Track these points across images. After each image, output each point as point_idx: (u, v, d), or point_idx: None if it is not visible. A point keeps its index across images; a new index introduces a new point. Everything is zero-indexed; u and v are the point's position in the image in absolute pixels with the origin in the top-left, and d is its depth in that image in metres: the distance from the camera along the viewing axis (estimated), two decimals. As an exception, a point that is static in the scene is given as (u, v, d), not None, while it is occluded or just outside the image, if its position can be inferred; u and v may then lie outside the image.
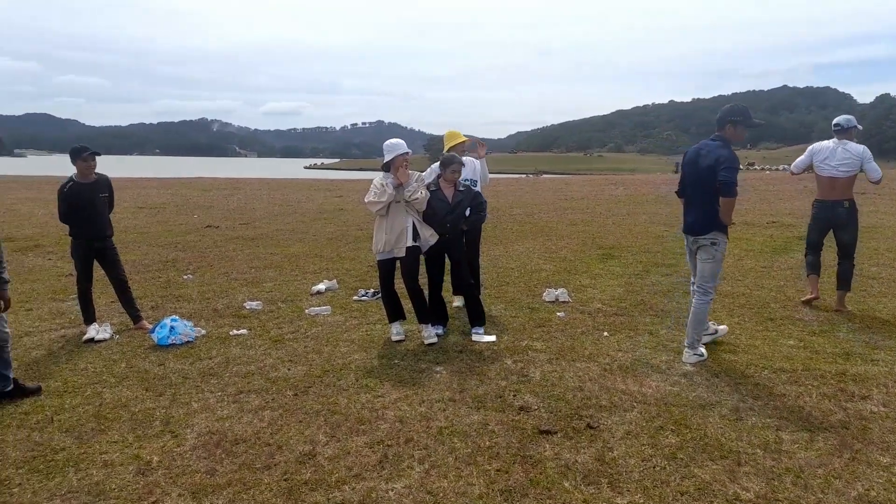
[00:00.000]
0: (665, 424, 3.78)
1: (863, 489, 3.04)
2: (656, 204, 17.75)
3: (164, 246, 10.62)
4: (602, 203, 18.31)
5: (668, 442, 3.56)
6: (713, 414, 3.91)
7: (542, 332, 5.68)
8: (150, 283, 7.77)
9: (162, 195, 20.77)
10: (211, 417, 3.94)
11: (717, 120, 4.93)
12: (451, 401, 4.17)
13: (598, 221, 13.89)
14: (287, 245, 10.77)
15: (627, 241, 11.05)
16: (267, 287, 7.58)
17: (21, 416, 3.95)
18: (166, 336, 5.32)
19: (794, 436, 3.61)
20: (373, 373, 4.70)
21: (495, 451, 3.48)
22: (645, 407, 4.03)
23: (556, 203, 18.38)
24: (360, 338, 5.57)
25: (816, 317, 6.10)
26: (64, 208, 5.58)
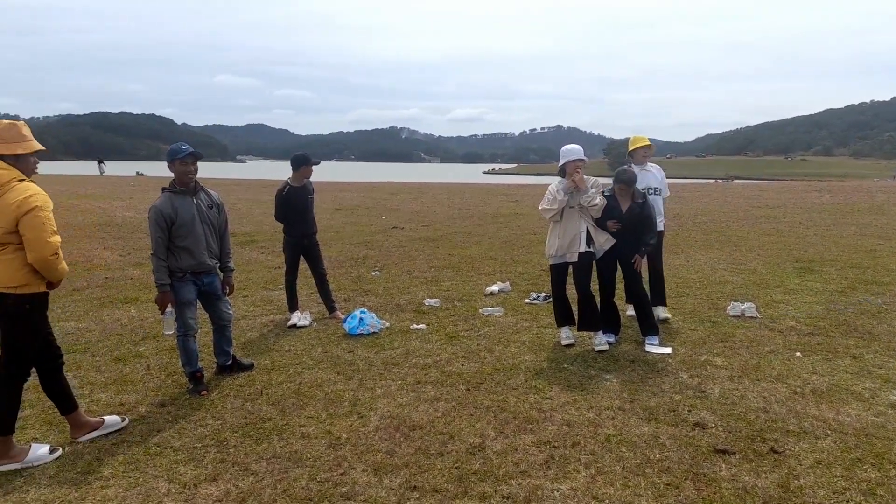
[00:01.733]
0: (864, 457, 3.42)
1: None
2: (870, 214, 15.70)
3: (355, 244, 11.58)
4: (802, 212, 16.60)
5: (867, 476, 3.22)
6: (926, 452, 3.46)
7: (723, 348, 5.37)
8: (343, 278, 8.54)
9: (355, 198, 22.56)
10: (392, 403, 4.28)
11: None
12: (620, 409, 4.12)
13: (796, 232, 12.64)
14: (464, 247, 11.21)
15: (831, 254, 9.95)
16: (444, 286, 7.97)
17: (237, 388, 4.61)
18: (356, 326, 5.85)
19: None
20: (542, 374, 4.78)
21: (665, 465, 3.40)
22: (841, 436, 3.67)
23: (748, 210, 17.01)
24: (531, 340, 5.68)
25: None
26: (281, 209, 6.36)
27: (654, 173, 6.27)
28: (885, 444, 3.56)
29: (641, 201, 5.43)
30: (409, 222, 15.02)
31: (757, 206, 18.22)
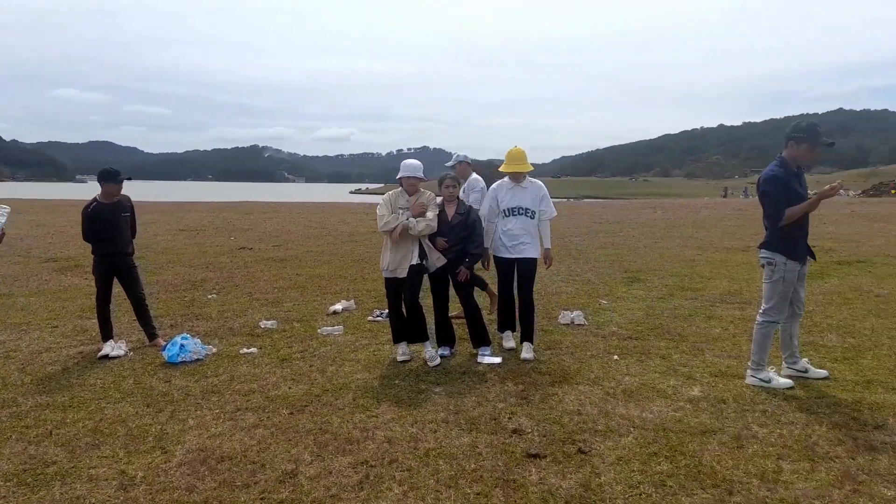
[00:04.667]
0: (660, 451, 3.64)
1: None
2: (693, 228, 17.36)
3: (195, 266, 10.89)
4: (637, 227, 18.01)
5: (660, 469, 3.42)
6: (713, 441, 3.75)
7: (550, 355, 5.58)
8: (174, 302, 7.96)
9: (203, 218, 21.36)
10: (203, 434, 3.97)
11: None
12: (443, 422, 4.11)
13: (629, 245, 13.65)
14: (313, 266, 10.92)
15: (656, 264, 10.82)
16: (285, 307, 7.68)
17: (22, 430, 4.07)
18: (177, 354, 5.43)
19: (796, 465, 3.42)
20: (371, 392, 4.68)
21: (479, 475, 3.41)
22: (642, 432, 3.90)
23: (590, 227, 18.16)
24: (367, 357, 5.57)
25: (842, 343, 5.82)
26: (87, 226, 5.79)
27: (529, 192, 5.65)
28: (679, 437, 3.82)
29: (464, 212, 5.55)
30: (260, 242, 14.43)
31: (598, 223, 19.53)
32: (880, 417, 4.05)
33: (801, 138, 4.59)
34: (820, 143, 4.61)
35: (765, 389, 4.60)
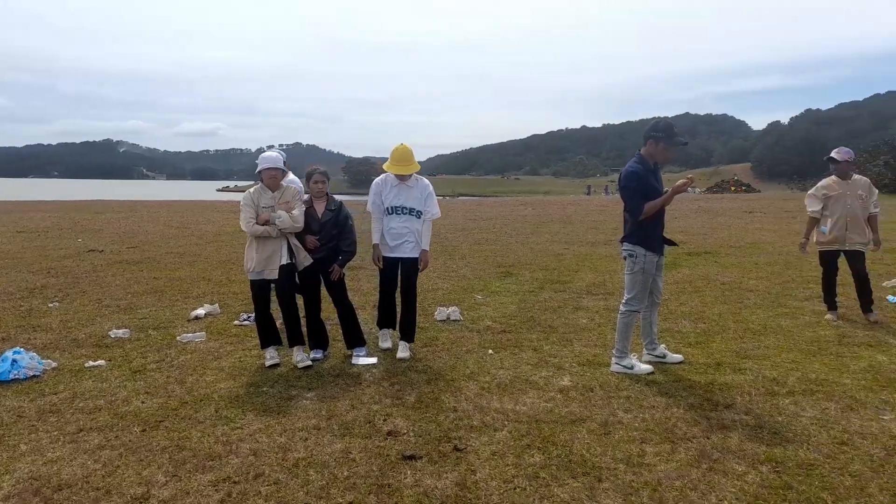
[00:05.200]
0: (533, 443, 3.67)
1: (716, 499, 3.02)
2: (560, 224, 18.15)
3: (35, 272, 9.77)
4: (509, 223, 18.55)
5: (533, 461, 3.45)
6: (582, 429, 3.85)
7: (426, 353, 5.52)
8: (7, 312, 7.06)
9: (47, 219, 19.33)
10: (38, 461, 3.50)
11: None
12: (315, 429, 3.91)
13: (501, 240, 13.99)
14: (174, 269, 10.17)
15: (527, 258, 11.15)
16: (140, 314, 7.05)
17: None
18: (7, 371, 4.78)
19: (658, 448, 3.58)
20: (236, 402, 4.37)
21: (352, 482, 3.26)
22: (516, 425, 3.92)
23: (464, 224, 18.45)
24: (231, 365, 5.21)
25: (694, 328, 6.25)
26: None
27: (415, 191, 5.39)
28: (551, 427, 3.88)
29: (335, 208, 5.35)
30: (112, 244, 13.25)
31: (472, 220, 19.89)
32: (730, 397, 4.36)
33: (658, 137, 4.84)
34: (675, 142, 4.89)
35: (628, 376, 4.81)
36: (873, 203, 6.43)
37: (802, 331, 6.07)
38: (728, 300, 7.52)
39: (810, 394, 4.38)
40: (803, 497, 3.03)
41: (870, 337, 5.81)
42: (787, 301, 7.37)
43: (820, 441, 3.63)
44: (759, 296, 7.71)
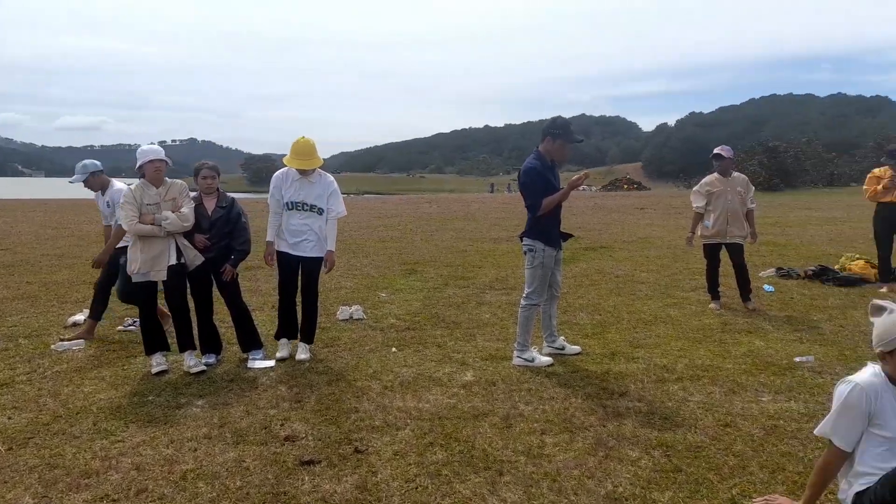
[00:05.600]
0: (435, 440, 3.63)
1: (612, 486, 3.09)
2: (464, 221, 18.35)
3: None
4: (414, 220, 18.54)
5: (436, 458, 3.41)
6: (484, 424, 3.85)
7: (328, 353, 5.37)
8: None
9: None
10: None
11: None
12: (205, 438, 3.68)
13: (406, 238, 13.95)
14: (51, 272, 9.37)
15: (432, 255, 11.16)
16: (10, 321, 6.43)
17: None
18: None
19: (557, 438, 3.64)
20: (117, 414, 4.05)
21: (245, 492, 3.08)
22: (419, 423, 3.87)
23: (369, 221, 18.27)
24: (114, 374, 4.84)
25: (591, 320, 6.45)
26: None
27: (317, 186, 5.11)
28: (454, 423, 3.86)
29: (227, 205, 5.10)
30: (-21, 246, 12.07)
31: (377, 217, 19.73)
32: (624, 385, 4.51)
33: (556, 134, 4.93)
34: (572, 139, 5.00)
35: (529, 368, 4.88)
36: (750, 199, 6.89)
37: (689, 320, 6.41)
38: (622, 292, 7.83)
39: (697, 379, 4.62)
40: (692, 479, 3.16)
41: (749, 324, 6.21)
42: (675, 292, 7.77)
43: (706, 424, 3.82)
44: (650, 287, 8.09)
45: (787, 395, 4.26)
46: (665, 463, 3.33)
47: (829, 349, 5.30)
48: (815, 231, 14.31)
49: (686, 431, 3.71)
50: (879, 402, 2.62)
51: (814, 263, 8.88)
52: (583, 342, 5.58)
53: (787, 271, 8.73)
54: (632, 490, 3.05)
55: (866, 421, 2.64)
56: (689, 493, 3.01)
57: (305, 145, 5.05)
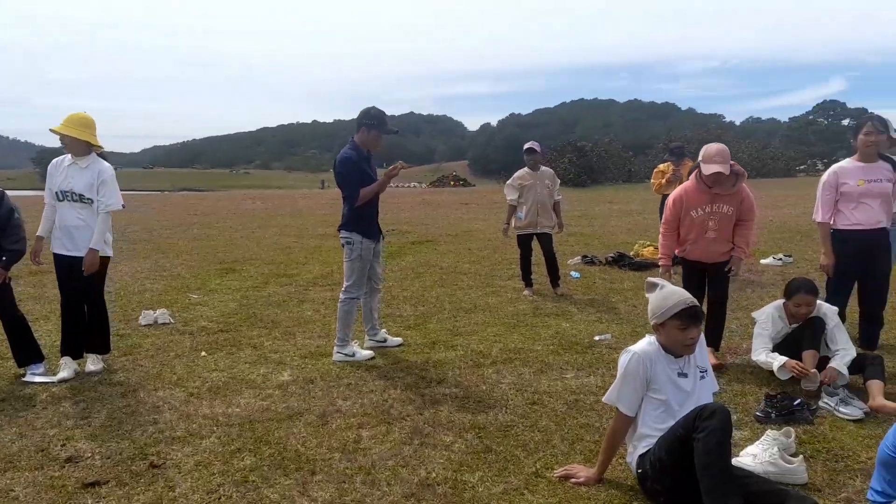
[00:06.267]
0: (244, 446, 3.41)
1: (425, 472, 3.10)
2: (291, 217, 17.79)
3: None
4: (235, 217, 17.60)
5: (243, 465, 3.19)
6: (299, 423, 3.69)
7: (125, 362, 4.86)
8: None
9: None
10: None
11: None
12: (-38, 470, 3.13)
13: (224, 236, 13.18)
14: None
15: (253, 253, 10.64)
16: None
17: None
18: None
19: (374, 431, 3.59)
20: None
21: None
22: (226, 430, 3.61)
23: (184, 219, 17.02)
24: None
25: (414, 311, 6.52)
26: None
27: (87, 173, 4.51)
28: (265, 426, 3.66)
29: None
30: None
31: (193, 215, 18.46)
32: (442, 373, 4.59)
33: (371, 124, 4.87)
34: (387, 130, 4.97)
35: (350, 363, 4.79)
36: (556, 191, 7.38)
37: (505, 306, 6.71)
38: (445, 283, 8.02)
39: (510, 362, 4.83)
40: (501, 457, 3.27)
41: (557, 308, 6.64)
42: (494, 281, 8.12)
43: (516, 403, 3.99)
44: (472, 278, 8.37)
45: (588, 371, 4.60)
46: (477, 444, 3.41)
47: (624, 327, 5.82)
48: (616, 222, 15.79)
49: (498, 412, 3.85)
50: (654, 368, 2.89)
51: (613, 251, 9.76)
52: (405, 333, 5.60)
53: (591, 258, 9.50)
54: (444, 474, 3.08)
55: (645, 386, 2.91)
56: (497, 472, 3.11)
57: (78, 118, 4.53)
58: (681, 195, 4.60)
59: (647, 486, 2.82)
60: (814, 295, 4.24)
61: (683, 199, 4.57)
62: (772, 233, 12.02)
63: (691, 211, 4.53)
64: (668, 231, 4.69)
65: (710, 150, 4.38)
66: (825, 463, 3.17)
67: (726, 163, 4.30)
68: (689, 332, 2.86)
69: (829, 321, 4.26)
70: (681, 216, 4.58)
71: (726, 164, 4.30)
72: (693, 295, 3.00)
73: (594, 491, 2.93)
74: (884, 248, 4.68)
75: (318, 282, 8.11)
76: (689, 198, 4.54)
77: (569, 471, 3.06)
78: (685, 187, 4.62)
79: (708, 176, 4.34)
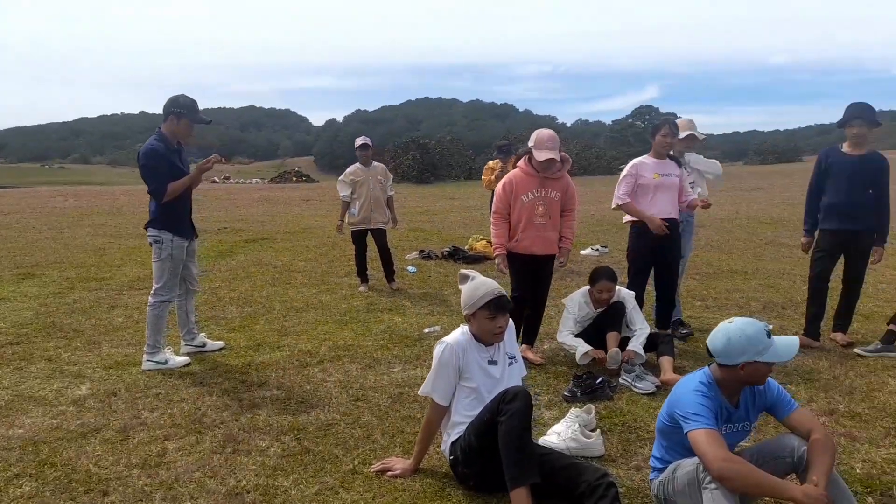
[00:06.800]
0: (25, 470, 3.02)
1: (235, 481, 2.94)
2: (108, 215, 16.23)
3: None
4: (41, 216, 15.72)
5: (20, 492, 2.83)
6: (94, 441, 3.34)
7: None
8: None
9: None
10: None
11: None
12: None
13: (26, 237, 11.71)
14: None
15: (59, 256, 9.56)
16: None
17: None
18: None
19: (181, 442, 3.34)
20: None
21: None
22: (4, 454, 3.18)
23: (-24, 218, 14.90)
24: None
25: (241, 312, 6.21)
26: None
27: None
28: (53, 447, 3.27)
29: None
30: None
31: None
32: (265, 375, 4.39)
33: (180, 113, 4.53)
34: (198, 119, 4.65)
35: (161, 372, 4.44)
36: (389, 186, 7.40)
37: (339, 303, 6.61)
38: (278, 282, 7.73)
39: (338, 359, 4.75)
40: (318, 457, 3.18)
41: (391, 303, 6.66)
42: (329, 278, 7.97)
43: (340, 401, 3.93)
44: (307, 276, 8.15)
45: (415, 364, 4.65)
46: (295, 446, 3.30)
47: (454, 318, 5.95)
48: (455, 217, 16.23)
49: (320, 412, 3.76)
50: (466, 356, 2.97)
51: (449, 245, 10.01)
52: (228, 336, 5.31)
53: (428, 253, 9.66)
54: (256, 481, 2.94)
55: (457, 375, 2.97)
56: (313, 473, 3.02)
57: None
58: (510, 181, 4.61)
59: (458, 472, 2.89)
60: (613, 281, 4.62)
61: (513, 185, 4.58)
62: (592, 226, 13.01)
63: (522, 195, 4.56)
64: (499, 220, 4.65)
65: (542, 136, 4.49)
66: (620, 434, 3.46)
67: (557, 149, 4.46)
68: (497, 321, 2.97)
69: (627, 304, 4.66)
70: (511, 202, 4.60)
71: (557, 150, 4.46)
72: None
73: (409, 482, 2.95)
74: (675, 238, 5.19)
75: (134, 285, 7.46)
76: (519, 183, 4.58)
77: (385, 464, 3.05)
78: (513, 174, 4.66)
79: (541, 162, 4.42)
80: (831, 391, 4.07)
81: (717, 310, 6.26)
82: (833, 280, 5.15)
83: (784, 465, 2.50)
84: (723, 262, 8.98)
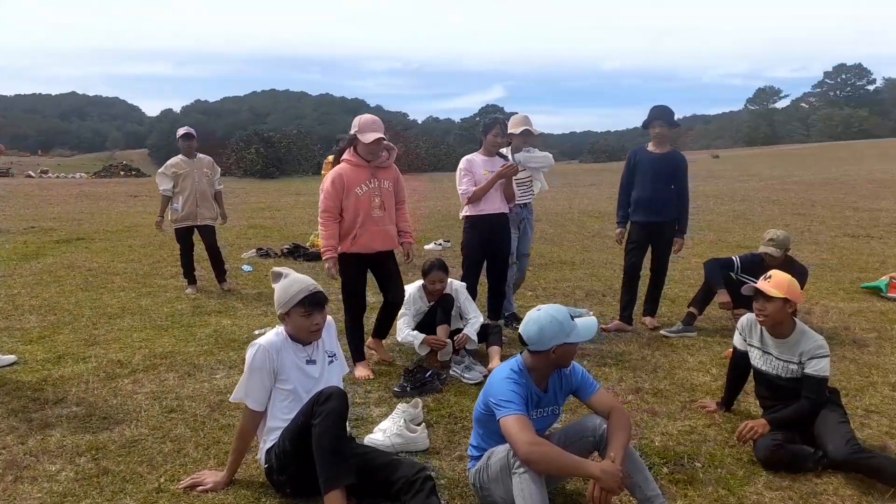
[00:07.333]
0: None
1: None
2: None
3: None
4: None
5: None
6: None
7: None
8: None
9: None
10: None
11: None
12: None
13: None
14: None
15: None
16: None
17: None
18: None
19: None
20: None
21: None
22: None
23: None
24: None
25: (41, 322, 5.53)
26: None
27: None
28: None
29: None
30: None
31: None
32: (63, 391, 3.93)
33: None
34: None
35: None
36: (217, 180, 6.96)
37: (161, 307, 6.11)
38: (91, 286, 7.01)
39: (153, 369, 4.37)
40: (119, 477, 2.89)
41: (221, 304, 6.28)
42: (153, 280, 7.36)
43: (151, 414, 3.60)
44: (126, 278, 7.47)
45: (240, 369, 4.34)
46: (91, 468, 2.97)
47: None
48: (300, 213, 15.75)
49: (125, 427, 3.42)
50: (280, 358, 2.82)
51: (289, 242, 9.67)
52: (22, 349, 4.72)
53: (266, 251, 9.27)
54: None
55: (273, 378, 2.82)
56: (110, 496, 2.73)
57: None
58: (340, 175, 4.22)
59: (274, 479, 2.75)
60: (445, 272, 4.68)
61: (344, 179, 4.21)
62: (437, 221, 13.24)
63: (355, 189, 4.23)
64: (329, 220, 4.26)
65: (365, 120, 4.22)
66: (446, 426, 3.50)
67: (382, 130, 4.21)
68: (313, 318, 2.85)
69: (459, 296, 4.75)
70: (342, 198, 4.23)
71: (382, 131, 4.20)
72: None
73: (221, 495, 2.76)
74: (506, 231, 5.38)
75: None
76: (349, 176, 4.23)
77: (196, 479, 2.83)
78: (342, 168, 4.28)
79: (368, 145, 4.13)
80: (639, 370, 4.42)
81: (547, 299, 6.60)
82: (644, 269, 5.61)
83: (587, 444, 2.64)
84: (554, 253, 9.50)
